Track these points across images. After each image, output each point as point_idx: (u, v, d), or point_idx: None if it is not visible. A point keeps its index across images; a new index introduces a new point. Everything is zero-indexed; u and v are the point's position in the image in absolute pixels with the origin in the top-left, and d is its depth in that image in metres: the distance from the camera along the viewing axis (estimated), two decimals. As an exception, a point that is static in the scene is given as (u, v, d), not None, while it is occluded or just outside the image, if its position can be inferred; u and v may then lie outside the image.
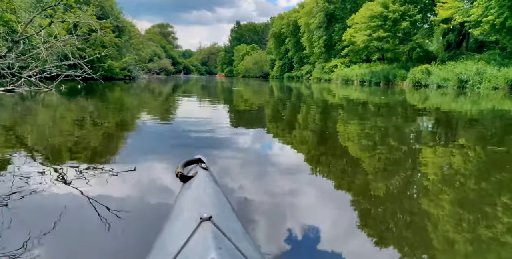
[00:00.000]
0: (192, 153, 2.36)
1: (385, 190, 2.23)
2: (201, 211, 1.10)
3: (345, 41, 30.43)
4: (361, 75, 27.68)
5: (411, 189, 2.31)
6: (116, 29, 23.25)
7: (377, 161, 3.00)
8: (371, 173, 2.61)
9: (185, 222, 1.10)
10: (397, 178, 2.47)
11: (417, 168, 2.82)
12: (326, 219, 1.80)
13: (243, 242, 1.01)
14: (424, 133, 4.78)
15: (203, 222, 0.96)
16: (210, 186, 1.51)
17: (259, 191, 2.17)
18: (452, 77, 17.33)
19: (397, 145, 3.69)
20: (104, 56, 19.71)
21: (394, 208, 1.96)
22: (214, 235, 0.90)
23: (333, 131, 4.72)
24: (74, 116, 5.69)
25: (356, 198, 2.07)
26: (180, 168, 1.71)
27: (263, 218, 1.76)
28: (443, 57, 21.77)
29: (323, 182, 2.40)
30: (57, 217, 1.68)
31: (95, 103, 8.02)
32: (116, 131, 4.34)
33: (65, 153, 3.06)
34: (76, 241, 1.51)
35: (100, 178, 2.31)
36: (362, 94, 14.20)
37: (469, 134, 4.64)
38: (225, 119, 5.84)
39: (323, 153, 3.38)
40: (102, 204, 1.85)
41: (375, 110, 7.93)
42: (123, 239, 1.53)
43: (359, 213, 1.87)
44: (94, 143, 3.54)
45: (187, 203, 1.35)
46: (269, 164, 2.83)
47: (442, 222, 1.76)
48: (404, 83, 22.34)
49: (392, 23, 23.49)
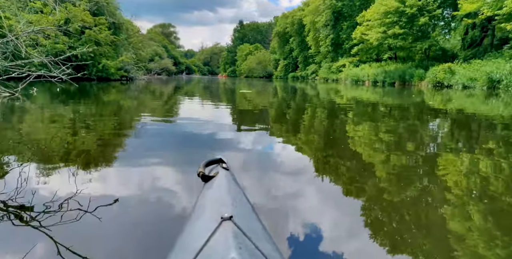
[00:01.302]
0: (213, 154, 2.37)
1: (406, 198, 2.09)
2: (222, 210, 1.10)
3: (355, 40, 29.32)
4: (373, 75, 26.08)
5: (429, 197, 2.13)
6: (112, 26, 21.62)
7: (401, 165, 2.88)
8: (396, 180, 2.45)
9: (206, 221, 1.11)
10: (416, 189, 2.26)
11: (437, 173, 2.67)
12: (346, 221, 1.79)
13: (263, 242, 1.02)
14: (449, 137, 4.39)
15: (224, 222, 0.97)
16: (231, 186, 1.53)
17: (279, 191, 2.16)
18: (481, 77, 15.66)
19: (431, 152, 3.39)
20: (99, 55, 18.20)
21: (412, 218, 1.83)
22: (234, 234, 0.90)
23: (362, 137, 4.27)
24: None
25: (369, 203, 2.02)
26: (201, 167, 1.74)
27: (283, 218, 1.76)
28: (465, 55, 20.05)
29: (341, 184, 2.37)
30: (76, 217, 1.69)
31: (68, 111, 6.43)
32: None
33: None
34: (98, 241, 1.52)
35: (122, 177, 2.38)
36: (381, 96, 13.04)
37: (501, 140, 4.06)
38: (235, 122, 5.49)
39: (345, 156, 3.22)
40: (124, 203, 1.89)
41: (401, 115, 6.65)
42: (146, 238, 1.54)
43: (373, 217, 1.83)
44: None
45: (208, 202, 1.36)
46: (288, 166, 2.81)
47: (463, 236, 1.65)
48: (423, 84, 20.71)
49: (408, 19, 21.81)
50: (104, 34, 19.14)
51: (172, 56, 66.01)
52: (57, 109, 6.70)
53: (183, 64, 78.82)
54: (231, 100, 10.77)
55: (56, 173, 2.40)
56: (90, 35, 17.63)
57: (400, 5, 21.43)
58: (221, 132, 4.30)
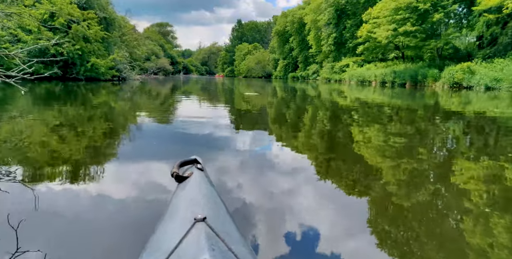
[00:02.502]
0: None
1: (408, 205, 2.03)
2: (195, 211, 1.10)
3: (360, 38, 28.05)
4: (381, 76, 24.69)
5: (431, 202, 2.09)
6: (103, 22, 19.94)
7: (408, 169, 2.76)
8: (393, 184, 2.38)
9: (179, 222, 1.10)
10: (424, 195, 2.17)
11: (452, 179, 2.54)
12: (321, 221, 1.79)
13: (236, 244, 1.01)
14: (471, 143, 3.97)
15: (197, 223, 0.96)
16: (205, 187, 1.51)
17: (254, 193, 2.17)
18: (507, 77, 14.28)
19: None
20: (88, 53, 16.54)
21: (418, 225, 1.75)
22: (207, 236, 0.90)
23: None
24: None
25: (351, 203, 2.07)
26: (175, 168, 1.70)
27: (257, 220, 1.76)
28: (484, 54, 18.66)
29: (318, 184, 2.38)
30: (51, 216, 1.72)
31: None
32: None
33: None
34: (69, 239, 1.53)
35: (95, 177, 2.38)
36: (390, 97, 12.20)
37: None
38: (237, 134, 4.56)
39: (332, 157, 3.26)
40: (97, 203, 1.93)
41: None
42: (117, 237, 1.56)
43: (358, 216, 1.87)
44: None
45: (181, 203, 1.34)
46: (267, 167, 2.79)
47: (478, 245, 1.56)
48: (437, 84, 19.33)
49: (420, 15, 20.39)
50: (94, 30, 17.47)
51: (169, 56, 65.37)
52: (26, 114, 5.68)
53: (181, 63, 78.26)
54: (240, 105, 9.31)
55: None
56: (77, 31, 15.99)
57: (413, 0, 19.99)
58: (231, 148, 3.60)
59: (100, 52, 18.37)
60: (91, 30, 17.08)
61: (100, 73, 17.96)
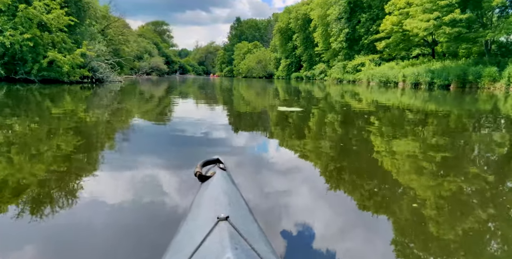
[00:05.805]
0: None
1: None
2: (218, 210, 1.09)
3: (383, 33, 24.19)
4: (413, 75, 20.59)
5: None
6: (72, 5, 15.49)
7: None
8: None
9: (202, 221, 1.10)
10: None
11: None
12: (341, 222, 1.78)
13: (259, 243, 1.02)
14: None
15: (220, 222, 0.97)
16: (228, 186, 1.51)
17: (276, 193, 2.17)
18: None
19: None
20: (43, 45, 12.14)
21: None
22: (230, 235, 0.90)
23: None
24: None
25: (362, 204, 2.02)
26: (198, 167, 1.70)
27: (279, 220, 1.76)
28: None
29: (337, 186, 2.36)
30: (71, 216, 1.72)
31: None
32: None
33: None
34: (94, 241, 1.52)
35: (118, 177, 2.39)
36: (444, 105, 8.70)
37: None
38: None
39: (346, 162, 3.12)
40: (120, 203, 1.92)
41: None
42: (141, 237, 1.56)
43: (366, 217, 1.83)
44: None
45: (204, 202, 1.35)
46: (285, 168, 2.78)
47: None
48: (497, 86, 15.33)
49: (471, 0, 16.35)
50: (55, 13, 13.10)
51: (165, 55, 61.64)
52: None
53: (177, 63, 75.06)
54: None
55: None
56: (29, 14, 11.67)
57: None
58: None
59: (66, 45, 14.00)
60: (51, 14, 12.76)
61: (63, 73, 13.39)
